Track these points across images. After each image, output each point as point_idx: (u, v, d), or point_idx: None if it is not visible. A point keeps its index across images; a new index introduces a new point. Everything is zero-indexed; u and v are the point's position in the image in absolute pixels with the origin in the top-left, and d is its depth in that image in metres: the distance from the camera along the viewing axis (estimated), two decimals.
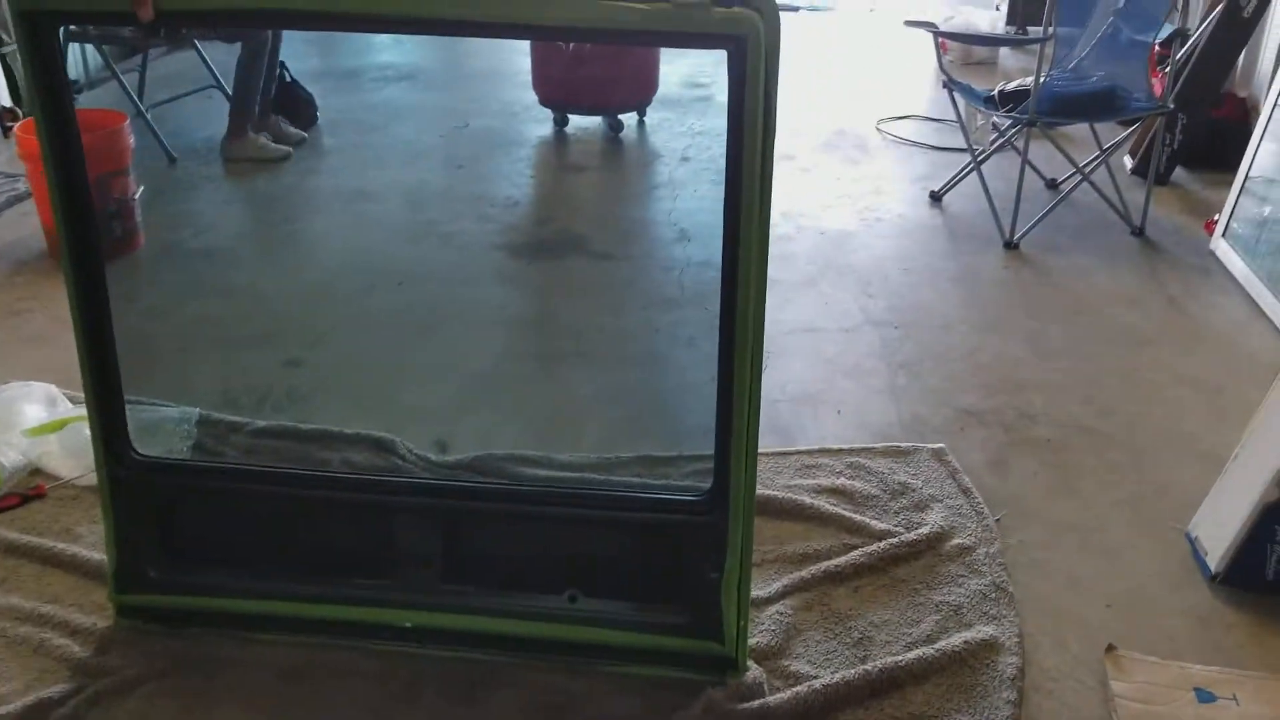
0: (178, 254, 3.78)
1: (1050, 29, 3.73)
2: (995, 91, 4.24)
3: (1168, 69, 4.11)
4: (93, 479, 2.39)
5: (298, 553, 2.01)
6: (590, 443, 2.70)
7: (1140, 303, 3.48)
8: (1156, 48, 4.01)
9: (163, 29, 1.81)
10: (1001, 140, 4.22)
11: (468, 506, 1.97)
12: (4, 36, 4.84)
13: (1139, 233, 3.97)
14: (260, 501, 1.95)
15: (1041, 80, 3.79)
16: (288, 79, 4.83)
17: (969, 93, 4.20)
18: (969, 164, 4.17)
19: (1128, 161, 4.55)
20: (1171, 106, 4.00)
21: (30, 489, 2.45)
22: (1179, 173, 4.47)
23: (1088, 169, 4.05)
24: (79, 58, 5.08)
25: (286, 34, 4.74)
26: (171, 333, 3.18)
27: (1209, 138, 4.41)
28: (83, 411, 2.54)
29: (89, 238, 1.71)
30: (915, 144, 4.93)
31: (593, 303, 3.53)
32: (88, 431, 2.44)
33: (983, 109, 4.20)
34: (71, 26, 3.85)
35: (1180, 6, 3.81)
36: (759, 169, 1.61)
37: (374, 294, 3.53)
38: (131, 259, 3.66)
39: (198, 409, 2.63)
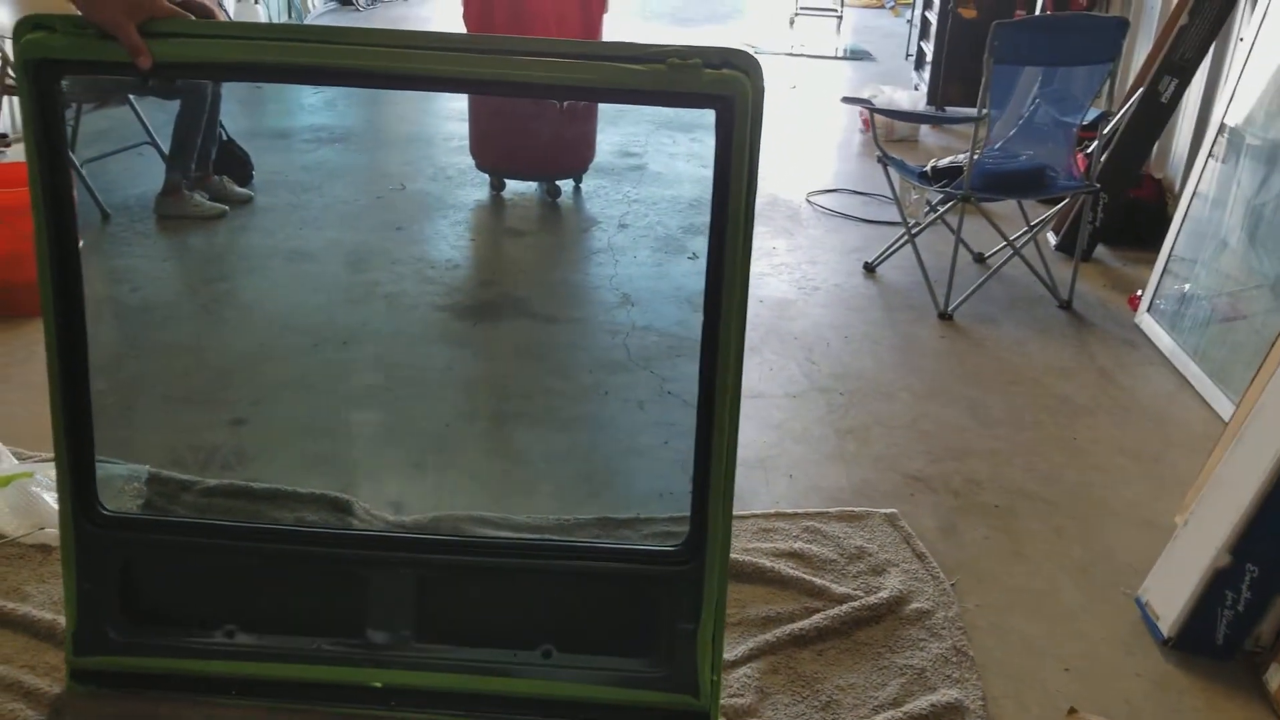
0: (115, 310, 3.70)
1: (985, 109, 3.87)
2: (929, 167, 4.39)
3: (1089, 150, 4.30)
4: (40, 537, 2.31)
5: (264, 611, 1.95)
6: (546, 505, 2.69)
7: (1073, 374, 3.60)
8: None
9: (154, 79, 1.79)
10: (935, 215, 4.35)
11: (440, 561, 1.94)
12: None
13: (1066, 306, 4.11)
14: (232, 558, 1.90)
15: (975, 158, 3.94)
16: (224, 138, 4.80)
17: (903, 168, 4.33)
18: (902, 236, 4.28)
19: (1051, 238, 4.72)
20: (1097, 186, 4.18)
21: None
22: (1100, 249, 4.65)
23: (1018, 244, 4.19)
24: (9, 110, 4.98)
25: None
26: (112, 389, 3.08)
27: (1128, 216, 4.61)
28: (28, 468, 2.47)
29: (74, 288, 1.67)
30: (845, 216, 5.06)
31: (540, 365, 3.54)
32: (34, 488, 2.37)
33: (917, 184, 4.33)
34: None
35: (1107, 93, 3.99)
36: (743, 222, 1.66)
37: (318, 353, 3.49)
38: None
39: (147, 467, 2.57)
